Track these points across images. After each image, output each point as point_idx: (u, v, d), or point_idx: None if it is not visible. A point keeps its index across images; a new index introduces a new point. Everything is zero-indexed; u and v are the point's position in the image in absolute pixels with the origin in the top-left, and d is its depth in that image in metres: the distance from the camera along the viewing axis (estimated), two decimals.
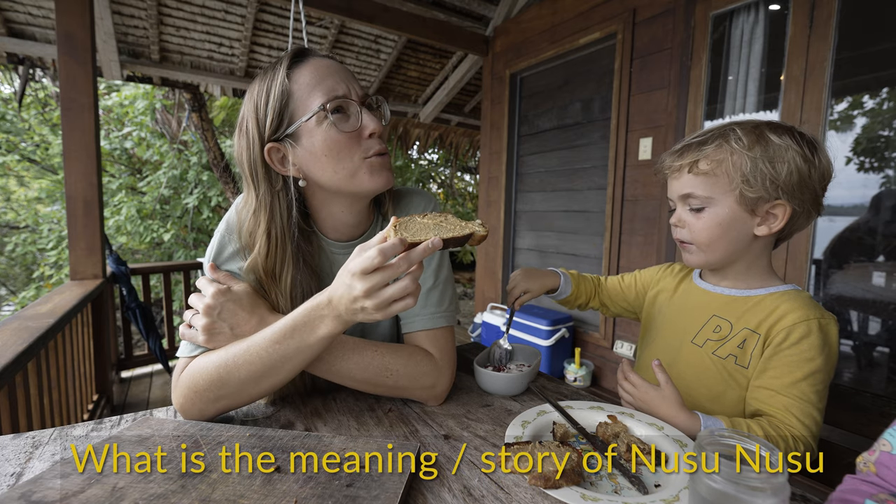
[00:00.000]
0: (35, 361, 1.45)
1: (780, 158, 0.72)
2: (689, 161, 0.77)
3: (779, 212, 0.75)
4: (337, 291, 0.59)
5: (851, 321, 1.89)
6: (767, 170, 0.72)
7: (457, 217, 0.62)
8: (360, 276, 0.56)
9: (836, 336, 0.74)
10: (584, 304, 1.09)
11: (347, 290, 0.58)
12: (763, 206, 0.75)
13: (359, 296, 0.57)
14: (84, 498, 0.47)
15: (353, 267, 0.57)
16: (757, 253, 0.80)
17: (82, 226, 2.23)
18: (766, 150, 0.72)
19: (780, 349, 0.73)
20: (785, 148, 0.72)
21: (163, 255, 6.80)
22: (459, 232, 0.57)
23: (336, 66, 0.73)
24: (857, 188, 1.82)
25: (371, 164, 0.73)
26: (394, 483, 0.50)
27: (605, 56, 2.74)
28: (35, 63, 3.22)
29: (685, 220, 0.81)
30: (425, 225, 0.59)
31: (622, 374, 0.80)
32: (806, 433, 0.68)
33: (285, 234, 0.73)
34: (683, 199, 0.80)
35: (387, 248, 0.55)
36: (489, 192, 3.66)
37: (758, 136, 0.73)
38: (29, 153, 6.97)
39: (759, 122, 0.76)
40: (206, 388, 0.66)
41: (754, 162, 0.72)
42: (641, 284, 1.04)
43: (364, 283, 0.56)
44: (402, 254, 0.55)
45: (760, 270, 0.82)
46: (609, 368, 2.74)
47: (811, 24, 1.79)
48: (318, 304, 0.62)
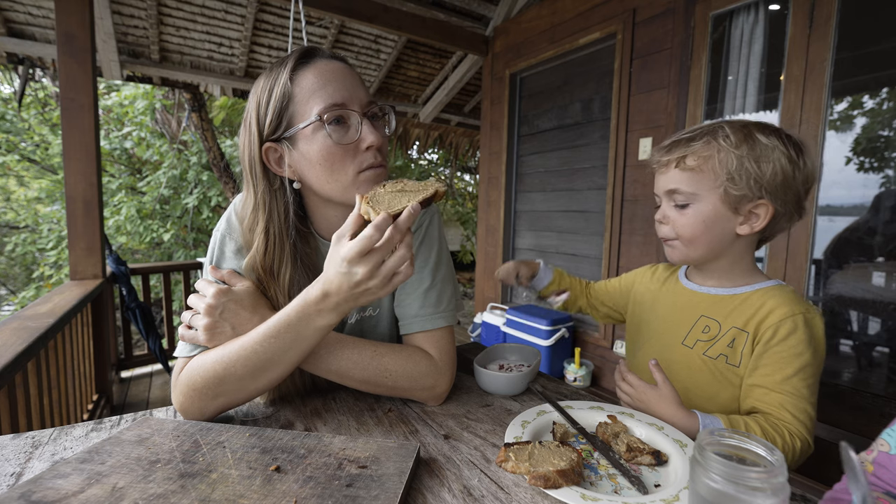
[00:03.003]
0: (35, 361, 1.45)
1: (765, 158, 0.73)
2: (676, 156, 0.78)
3: (761, 211, 0.75)
4: (333, 283, 0.59)
5: (851, 321, 1.89)
6: (753, 169, 0.72)
7: (411, 180, 0.64)
8: (359, 259, 0.56)
9: (821, 329, 0.75)
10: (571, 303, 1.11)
11: (346, 277, 0.58)
12: (746, 205, 0.75)
13: (362, 279, 0.57)
14: (84, 498, 0.47)
15: (348, 253, 0.57)
16: (740, 251, 0.81)
17: (82, 226, 2.23)
18: (752, 148, 0.73)
19: (770, 346, 0.74)
20: (771, 148, 0.73)
21: (162, 255, 6.80)
22: (426, 193, 0.61)
23: (342, 71, 0.71)
24: (856, 188, 1.82)
25: (364, 179, 0.71)
26: (394, 483, 0.50)
27: (604, 56, 2.74)
28: (35, 63, 3.21)
29: (669, 216, 0.81)
30: (392, 194, 0.62)
31: (620, 374, 0.81)
32: (801, 428, 0.70)
33: (283, 233, 0.73)
34: (669, 194, 0.81)
35: (380, 222, 0.56)
36: (489, 192, 3.66)
37: (745, 135, 0.74)
38: (29, 153, 6.97)
39: (748, 121, 0.77)
40: (205, 386, 0.66)
41: (740, 160, 0.73)
42: (625, 285, 1.05)
43: (364, 265, 0.57)
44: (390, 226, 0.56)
45: (744, 268, 0.82)
46: (609, 368, 2.74)
47: (811, 24, 1.79)
48: (313, 299, 0.62)
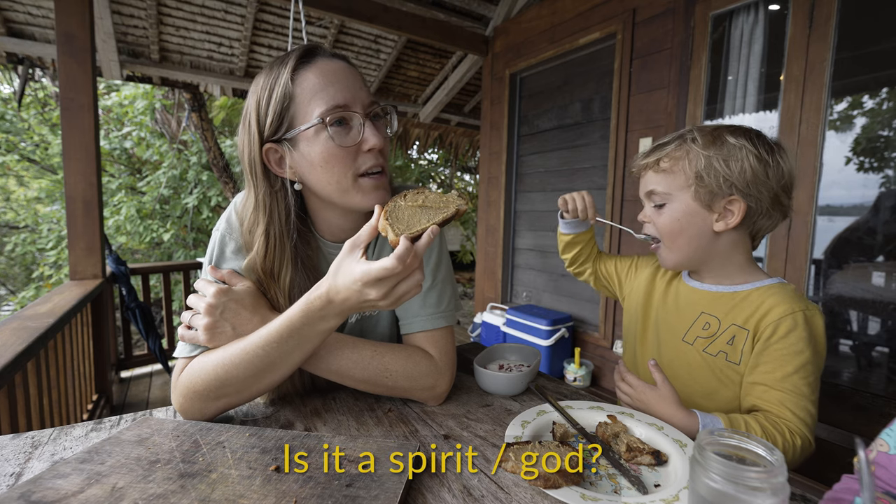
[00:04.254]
0: (34, 361, 1.45)
1: (734, 157, 0.76)
2: (652, 160, 0.83)
3: (734, 208, 0.78)
4: (340, 294, 0.60)
5: (851, 321, 1.89)
6: (721, 167, 0.76)
7: (432, 192, 0.64)
8: (374, 283, 0.57)
9: (822, 327, 0.75)
10: (583, 258, 1.11)
11: (357, 295, 0.59)
12: (719, 202, 0.78)
13: (373, 299, 0.58)
14: (84, 498, 0.47)
15: (364, 276, 0.57)
16: (727, 250, 0.82)
17: (82, 226, 2.23)
18: (720, 149, 0.77)
19: (770, 344, 0.74)
20: (739, 147, 0.76)
21: (162, 255, 6.80)
22: (446, 213, 0.61)
23: (344, 72, 0.70)
24: (856, 188, 1.82)
25: (363, 184, 0.71)
26: (394, 483, 0.50)
27: (604, 56, 2.73)
28: (35, 63, 3.21)
29: (649, 216, 0.86)
30: (412, 209, 0.61)
31: (619, 374, 0.81)
32: (802, 426, 0.70)
33: (283, 235, 0.72)
34: (648, 195, 0.86)
35: (402, 253, 0.56)
36: (489, 192, 3.66)
37: (714, 138, 0.78)
38: (28, 153, 6.97)
39: (721, 125, 0.82)
40: (206, 388, 0.66)
41: (708, 160, 0.77)
42: (629, 269, 1.06)
43: (378, 289, 0.58)
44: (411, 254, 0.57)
45: (739, 267, 0.83)
46: (609, 368, 2.73)
47: (811, 24, 1.79)
48: (318, 304, 0.62)
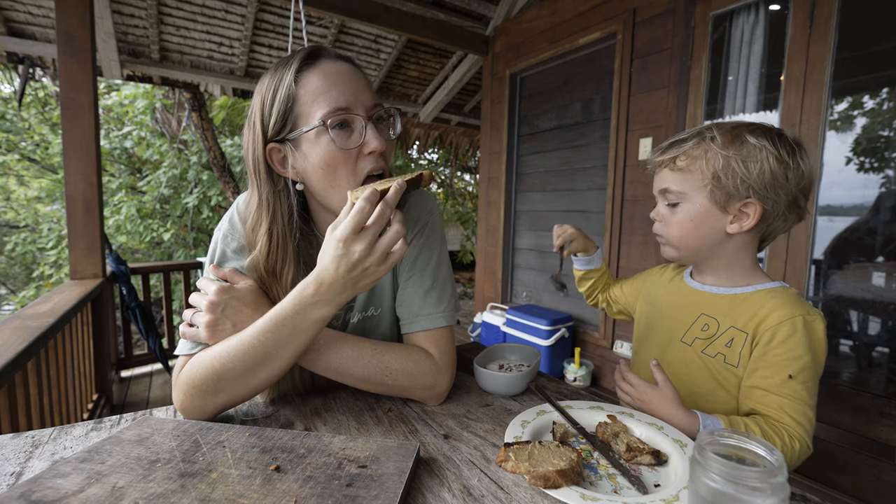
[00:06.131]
0: (35, 361, 1.45)
1: (753, 158, 0.73)
2: (668, 157, 0.81)
3: (750, 210, 0.76)
4: (328, 270, 0.60)
5: (851, 321, 1.88)
6: (739, 168, 0.74)
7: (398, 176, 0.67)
8: (354, 237, 0.58)
9: (822, 332, 0.74)
10: (597, 291, 1.13)
11: (344, 259, 0.59)
12: (735, 204, 0.76)
13: (360, 258, 0.58)
14: (84, 497, 0.47)
15: (342, 233, 0.58)
16: (735, 251, 0.81)
17: (82, 225, 2.23)
18: (739, 149, 0.74)
19: (769, 348, 0.74)
20: (759, 148, 0.73)
21: (162, 255, 6.80)
22: (413, 174, 0.63)
23: (347, 73, 0.71)
24: (856, 188, 1.82)
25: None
26: (394, 483, 0.50)
27: (605, 56, 2.73)
28: (35, 62, 3.21)
29: (662, 214, 0.84)
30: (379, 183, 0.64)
31: (620, 374, 0.81)
32: (801, 430, 0.70)
33: (286, 234, 0.72)
34: (662, 193, 0.83)
35: (369, 195, 0.58)
36: (489, 192, 3.66)
37: (734, 137, 0.75)
38: (29, 152, 6.97)
39: (741, 123, 0.78)
40: (204, 382, 0.66)
41: (727, 160, 0.74)
42: (636, 287, 1.06)
43: (360, 242, 0.58)
44: (379, 202, 0.58)
45: (743, 268, 0.82)
46: (609, 368, 2.74)
47: (811, 24, 1.79)
48: (309, 290, 0.62)
